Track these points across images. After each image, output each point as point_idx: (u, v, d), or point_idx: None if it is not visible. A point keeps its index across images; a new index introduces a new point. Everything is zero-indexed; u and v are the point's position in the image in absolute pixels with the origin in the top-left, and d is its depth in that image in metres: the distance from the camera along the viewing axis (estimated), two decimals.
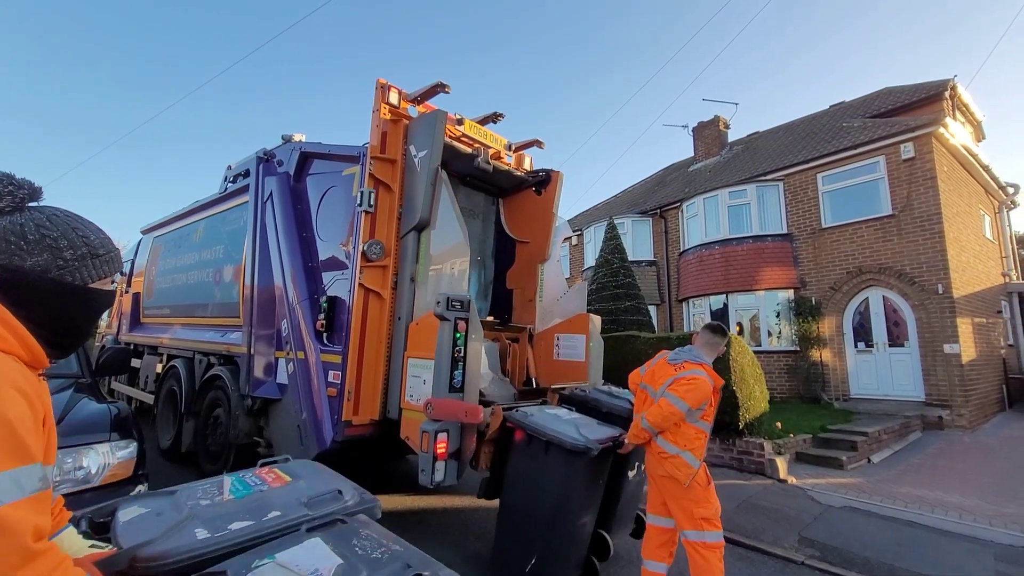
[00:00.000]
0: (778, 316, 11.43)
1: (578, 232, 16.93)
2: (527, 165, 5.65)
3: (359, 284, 4.15)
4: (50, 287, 0.90)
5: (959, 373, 9.07)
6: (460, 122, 4.88)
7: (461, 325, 3.72)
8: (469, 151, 4.85)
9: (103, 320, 8.79)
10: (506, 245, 5.72)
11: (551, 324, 5.19)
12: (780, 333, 11.41)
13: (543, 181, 5.46)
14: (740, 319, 11.93)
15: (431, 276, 4.32)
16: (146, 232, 8.48)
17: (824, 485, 5.84)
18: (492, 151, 5.17)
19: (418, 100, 4.66)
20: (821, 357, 10.70)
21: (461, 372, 3.70)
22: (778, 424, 7.13)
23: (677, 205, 14.25)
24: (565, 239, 7.68)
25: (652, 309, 13.28)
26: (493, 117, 5.21)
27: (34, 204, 0.95)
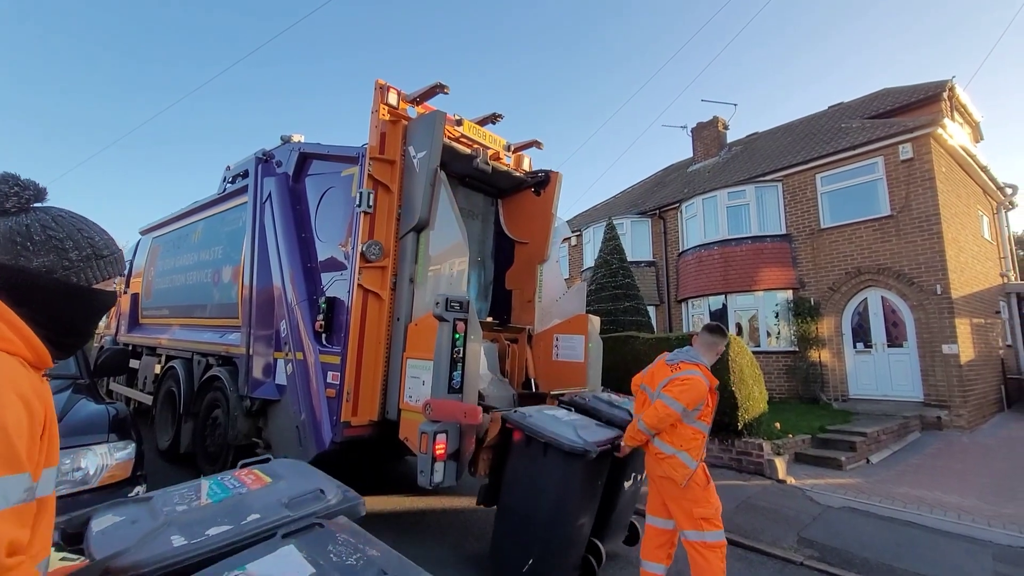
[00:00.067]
0: (777, 317, 11.44)
1: (577, 233, 16.94)
2: (526, 166, 5.65)
3: (358, 285, 4.16)
4: (55, 288, 0.90)
5: (957, 373, 9.09)
6: (459, 123, 4.89)
7: (460, 326, 3.72)
8: (468, 152, 4.85)
9: (102, 321, 8.78)
10: (505, 246, 5.72)
11: (550, 325, 5.19)
12: (779, 334, 11.42)
13: (542, 182, 5.47)
14: (739, 320, 11.94)
15: (430, 277, 4.32)
16: (144, 233, 8.48)
17: (823, 485, 5.85)
18: (491, 152, 5.17)
19: (417, 101, 4.66)
20: (820, 358, 10.72)
21: (460, 373, 3.70)
22: (777, 424, 7.13)
23: (676, 206, 14.26)
24: (564, 240, 7.67)
25: (651, 310, 13.28)
26: (492, 118, 5.22)
27: (39, 205, 0.95)
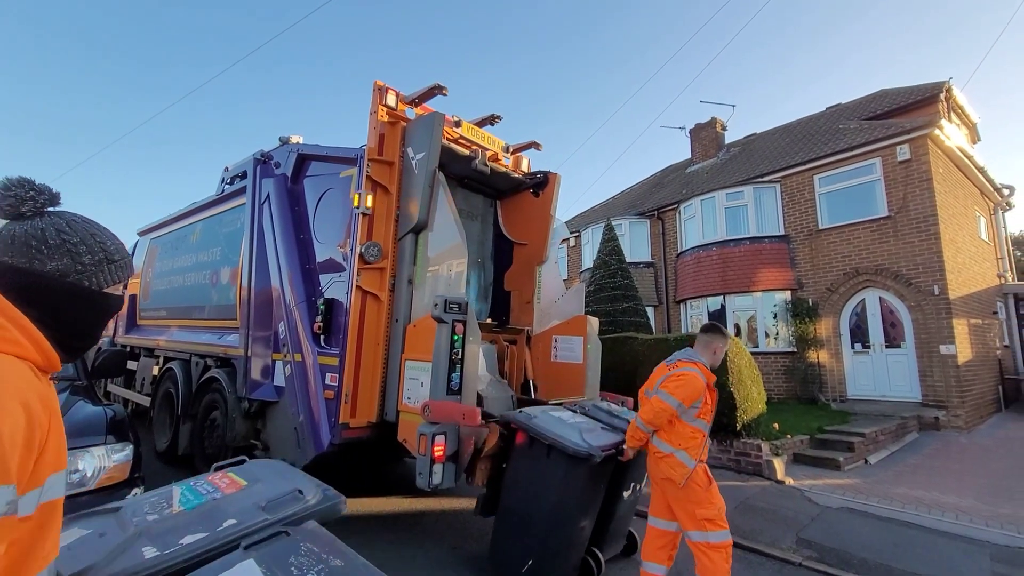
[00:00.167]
0: (775, 317, 11.46)
1: (576, 234, 16.95)
2: (525, 167, 5.65)
3: (356, 286, 4.16)
4: (68, 291, 0.91)
5: (955, 374, 9.11)
6: (458, 124, 4.89)
7: (459, 327, 3.72)
8: (467, 153, 4.85)
9: None
10: (504, 247, 5.73)
11: (549, 326, 5.19)
12: (777, 334, 11.43)
13: (541, 183, 5.47)
14: (737, 320, 11.96)
15: (429, 278, 4.32)
16: (143, 234, 8.46)
17: (821, 486, 5.85)
18: (490, 153, 5.18)
19: (416, 102, 4.66)
20: (818, 358, 10.73)
21: (459, 374, 3.70)
22: (775, 425, 7.14)
23: (675, 206, 14.28)
24: (563, 241, 7.67)
25: (650, 310, 13.29)
26: (491, 119, 5.22)
27: (53, 209, 0.97)
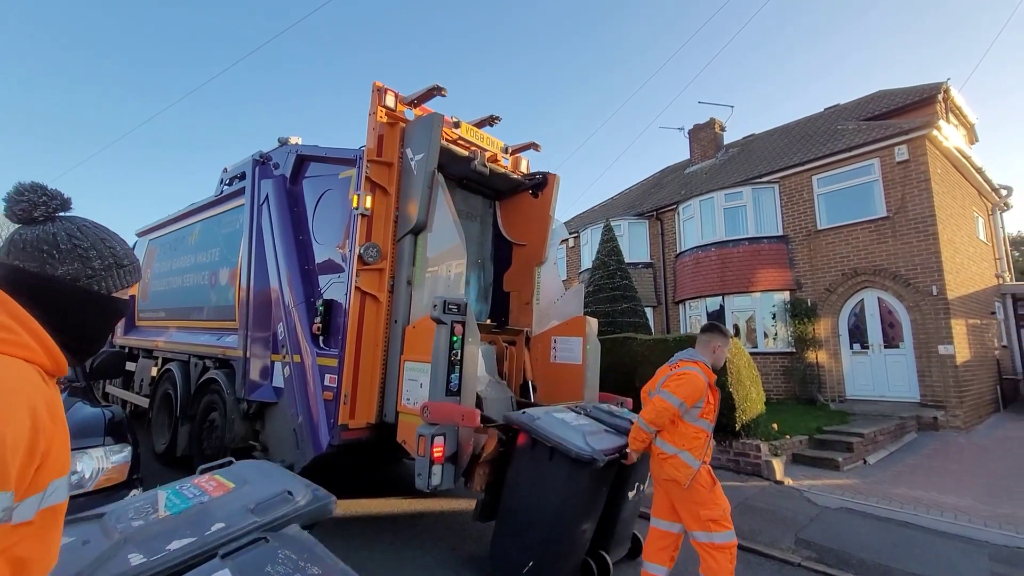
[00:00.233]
0: (774, 318, 11.47)
1: (575, 234, 16.96)
2: (523, 168, 5.65)
3: (355, 287, 4.16)
4: (78, 295, 0.93)
5: (953, 374, 9.12)
6: (457, 125, 4.89)
7: (458, 328, 3.72)
8: (465, 154, 4.85)
9: None
10: (503, 248, 5.73)
11: (548, 327, 5.19)
12: (776, 335, 11.44)
13: (540, 184, 5.47)
14: (736, 321, 11.97)
15: (427, 279, 4.32)
16: (141, 235, 8.46)
17: (820, 486, 5.86)
18: (489, 154, 5.18)
19: (414, 103, 4.67)
20: (817, 359, 10.74)
21: (458, 375, 3.70)
22: (774, 426, 7.15)
23: (673, 207, 14.29)
24: (562, 241, 7.68)
25: (649, 311, 13.31)
26: (489, 120, 5.22)
27: (64, 215, 0.98)
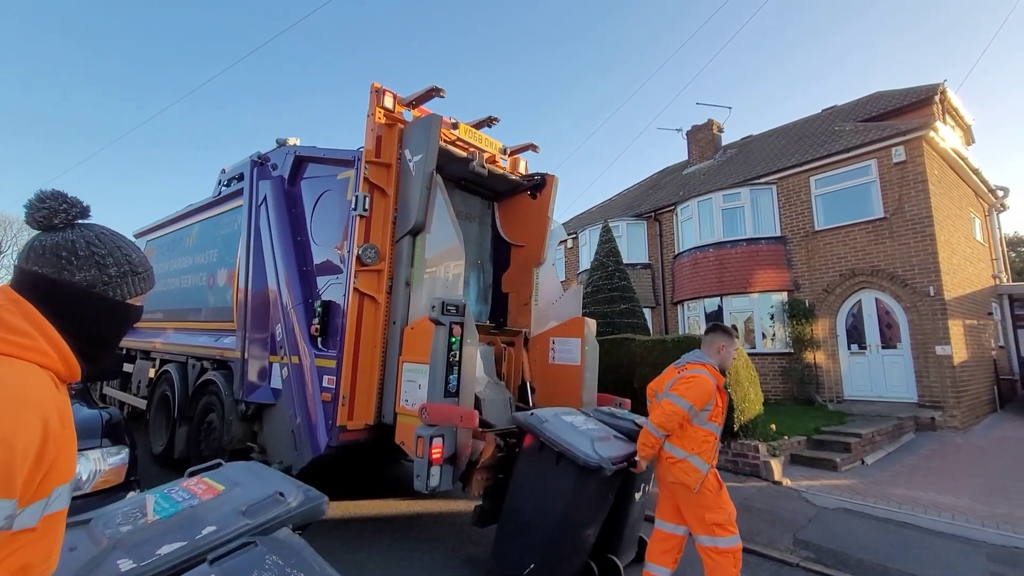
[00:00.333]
0: (772, 318, 11.49)
1: (573, 235, 16.98)
2: (522, 169, 5.66)
3: (354, 288, 4.15)
4: (94, 301, 0.95)
5: (951, 375, 9.15)
6: (455, 126, 4.89)
7: (456, 329, 3.71)
8: (464, 155, 4.85)
9: None
10: (501, 249, 5.73)
11: (546, 328, 5.19)
12: (774, 335, 11.46)
13: (538, 185, 5.47)
14: (734, 321, 11.98)
15: (426, 280, 4.32)
16: (139, 236, 8.44)
17: (818, 487, 5.87)
18: (487, 155, 5.19)
19: (413, 104, 4.67)
20: (815, 359, 10.76)
21: (456, 377, 3.70)
22: (773, 426, 7.16)
23: (671, 208, 14.32)
24: (560, 242, 7.68)
25: (647, 312, 13.30)
26: (488, 121, 5.23)
27: (83, 222, 1.00)
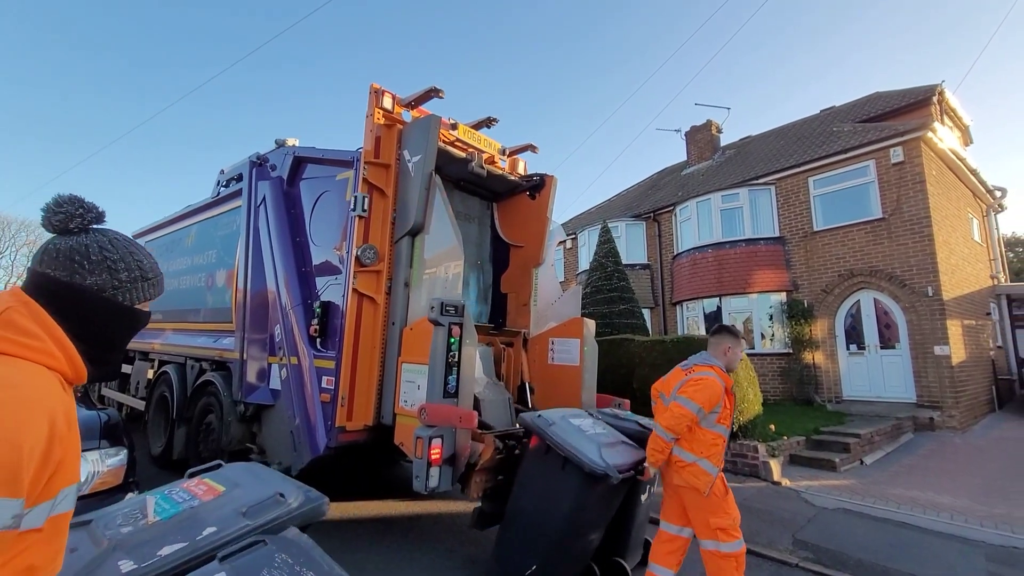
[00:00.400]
0: (771, 319, 11.51)
1: (572, 236, 16.99)
2: (521, 169, 5.66)
3: (353, 289, 4.15)
4: (103, 305, 0.96)
5: (949, 375, 9.17)
6: (454, 127, 4.89)
7: (455, 330, 3.71)
8: (463, 156, 4.85)
9: None
10: (500, 249, 5.73)
11: (545, 328, 5.19)
12: (773, 336, 11.47)
13: (537, 186, 5.47)
14: (733, 322, 11.99)
15: (425, 280, 4.32)
16: (137, 236, 8.42)
17: (817, 487, 5.87)
18: (486, 156, 5.18)
19: (412, 105, 4.67)
20: (814, 359, 10.77)
21: (455, 377, 3.70)
22: (772, 426, 7.16)
23: (670, 209, 14.33)
24: (559, 243, 7.68)
25: (646, 312, 13.30)
26: (487, 122, 5.23)
27: (97, 227, 1.01)
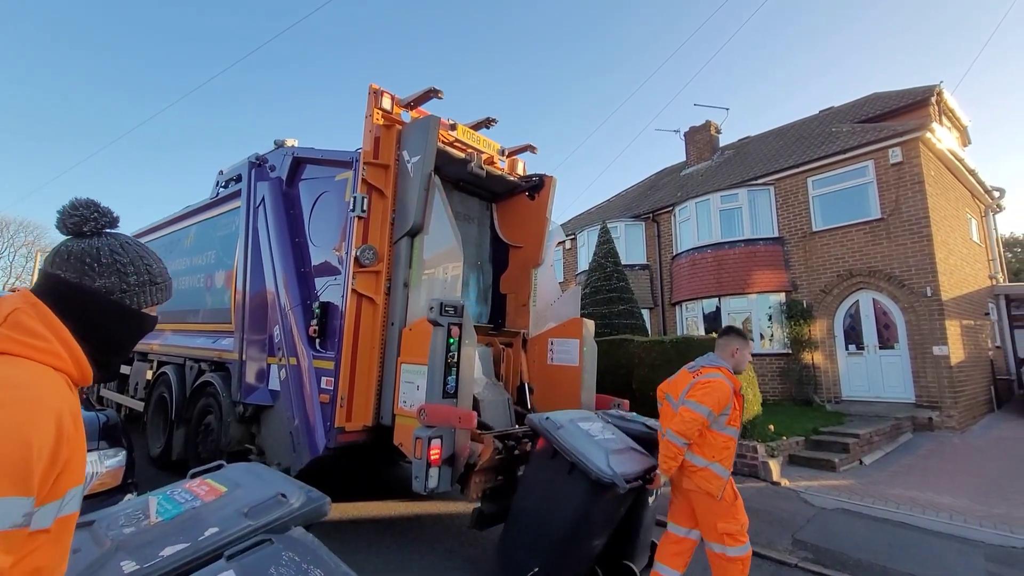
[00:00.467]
0: (770, 319, 11.51)
1: (571, 236, 16.99)
2: (520, 170, 5.66)
3: (352, 289, 4.15)
4: (111, 308, 0.97)
5: (948, 375, 9.17)
6: (453, 127, 4.89)
7: (454, 330, 3.71)
8: (462, 156, 4.85)
9: None
10: (499, 250, 5.73)
11: (545, 329, 5.19)
12: (772, 336, 11.48)
13: (536, 186, 5.47)
14: (732, 322, 12.00)
15: (424, 281, 4.32)
16: (136, 237, 8.41)
17: (817, 487, 5.88)
18: (485, 156, 5.18)
19: (411, 105, 4.67)
20: (813, 360, 10.78)
21: (455, 378, 3.70)
22: (771, 427, 7.16)
23: (670, 209, 14.34)
24: (558, 243, 7.68)
25: (645, 313, 13.31)
26: (486, 122, 5.23)
27: (110, 231, 1.03)
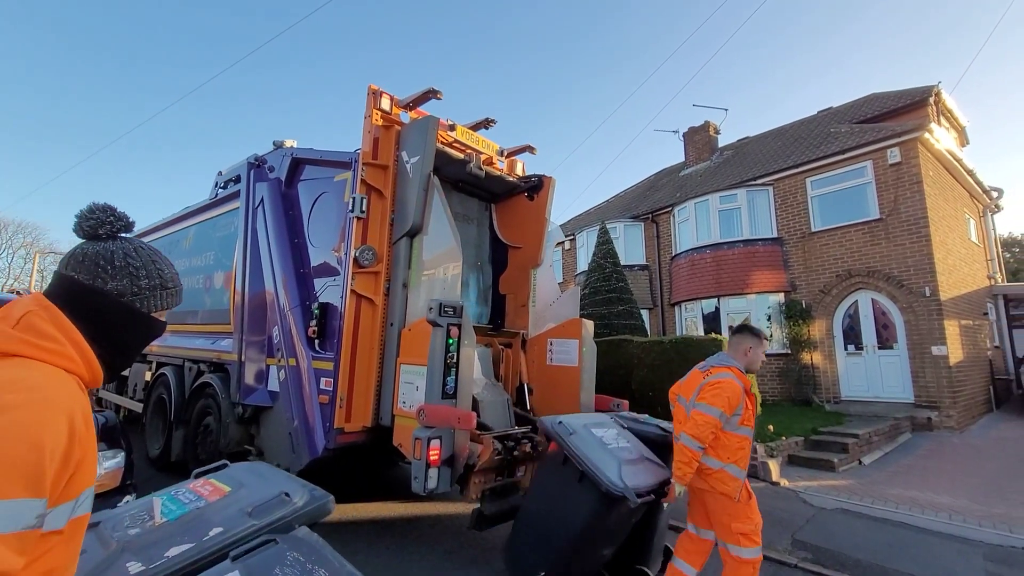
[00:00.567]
0: (769, 319, 11.52)
1: (571, 237, 17.00)
2: (519, 170, 5.66)
3: (351, 290, 4.15)
4: (121, 311, 0.98)
5: (947, 375, 9.18)
6: (452, 128, 4.89)
7: (454, 331, 3.72)
8: (461, 157, 4.86)
9: None
10: (499, 250, 5.73)
11: (544, 329, 5.19)
12: (771, 336, 11.47)
13: (535, 187, 5.48)
14: (732, 323, 11.99)
15: (423, 282, 4.32)
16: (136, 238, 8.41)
17: (816, 487, 5.88)
18: (484, 157, 5.19)
19: (410, 106, 4.67)
20: (812, 360, 10.79)
21: (454, 378, 3.70)
22: (770, 427, 7.17)
23: (669, 210, 14.35)
24: (557, 244, 7.68)
25: (645, 313, 13.32)
26: (485, 123, 5.23)
27: (125, 235, 1.05)
